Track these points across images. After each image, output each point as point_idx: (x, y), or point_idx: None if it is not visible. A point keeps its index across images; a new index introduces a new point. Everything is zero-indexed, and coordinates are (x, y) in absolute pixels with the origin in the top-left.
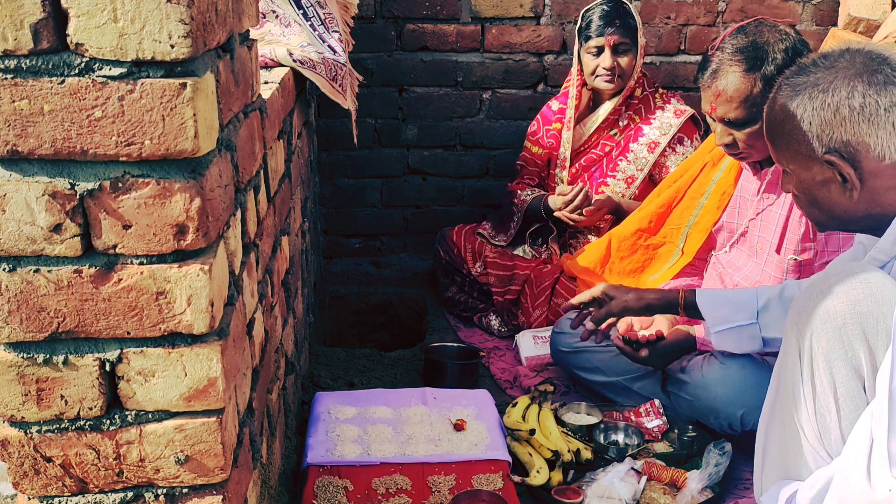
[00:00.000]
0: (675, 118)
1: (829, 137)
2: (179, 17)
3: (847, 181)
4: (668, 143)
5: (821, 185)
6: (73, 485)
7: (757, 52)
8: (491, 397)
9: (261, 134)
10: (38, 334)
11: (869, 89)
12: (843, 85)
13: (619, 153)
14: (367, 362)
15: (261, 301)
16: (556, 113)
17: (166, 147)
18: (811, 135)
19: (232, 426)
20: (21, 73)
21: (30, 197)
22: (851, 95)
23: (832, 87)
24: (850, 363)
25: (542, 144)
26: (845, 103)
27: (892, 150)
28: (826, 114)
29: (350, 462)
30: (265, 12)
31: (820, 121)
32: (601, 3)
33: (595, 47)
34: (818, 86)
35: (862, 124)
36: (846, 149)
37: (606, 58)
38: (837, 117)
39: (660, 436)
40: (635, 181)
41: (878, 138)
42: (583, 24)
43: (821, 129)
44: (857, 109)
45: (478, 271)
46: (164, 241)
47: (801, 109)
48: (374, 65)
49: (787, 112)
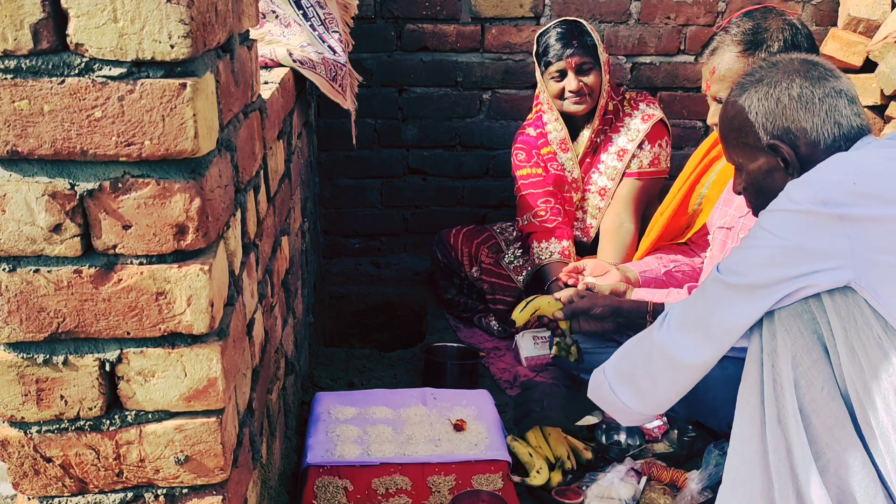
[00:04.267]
0: (642, 123)
1: (772, 125)
2: (179, 17)
3: (788, 166)
4: (636, 149)
5: (766, 174)
6: (73, 485)
7: (756, 36)
8: (491, 397)
9: (261, 134)
10: (37, 334)
11: (805, 82)
12: (784, 79)
13: (592, 165)
14: (367, 362)
15: (261, 301)
16: (538, 138)
17: (166, 147)
18: (757, 125)
19: (232, 426)
20: (21, 74)
21: (30, 197)
22: (790, 87)
23: (774, 80)
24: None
25: (541, 167)
26: (785, 93)
27: (826, 135)
28: (769, 103)
29: (350, 462)
30: (265, 12)
31: (765, 110)
32: (555, 27)
33: (557, 72)
34: (762, 81)
35: (800, 111)
36: (787, 135)
37: (571, 80)
38: (779, 106)
39: (660, 436)
40: (608, 192)
41: (813, 124)
42: (540, 50)
43: (765, 118)
44: (795, 98)
45: (474, 275)
46: (164, 242)
47: (748, 102)
48: (374, 65)
49: (737, 107)
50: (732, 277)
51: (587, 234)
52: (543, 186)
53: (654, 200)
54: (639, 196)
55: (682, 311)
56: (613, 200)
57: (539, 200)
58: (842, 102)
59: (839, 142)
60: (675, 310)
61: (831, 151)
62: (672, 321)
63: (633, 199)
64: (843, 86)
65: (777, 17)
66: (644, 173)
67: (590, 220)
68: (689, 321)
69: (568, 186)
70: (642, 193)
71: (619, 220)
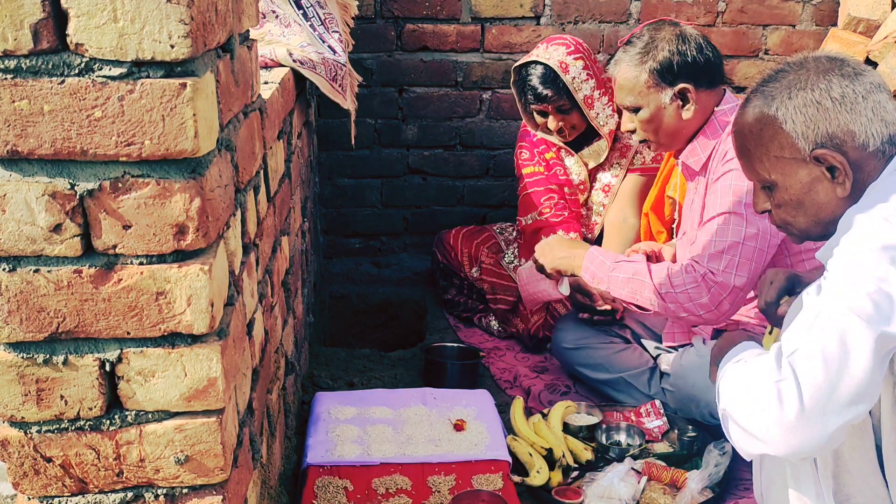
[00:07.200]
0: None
1: (814, 133)
2: (179, 17)
3: (836, 174)
4: (640, 143)
5: (808, 187)
6: (73, 485)
7: (646, 45)
8: (491, 397)
9: (261, 134)
10: (37, 334)
11: (843, 80)
12: (819, 80)
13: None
14: (367, 362)
15: (261, 301)
16: (539, 143)
17: (166, 147)
18: (795, 135)
19: (232, 426)
20: (21, 73)
21: (30, 197)
22: (830, 88)
23: (809, 83)
24: None
25: (543, 165)
26: (826, 95)
27: (875, 136)
28: (809, 109)
29: (350, 462)
30: (265, 12)
31: (804, 118)
32: (531, 66)
33: (537, 111)
34: (795, 85)
35: (844, 113)
36: (832, 141)
37: (552, 121)
38: (821, 111)
39: (660, 436)
40: (612, 188)
41: (860, 125)
42: (518, 84)
43: (805, 125)
44: (838, 100)
45: (474, 276)
46: (164, 242)
47: (781, 111)
48: (374, 65)
49: (765, 118)
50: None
51: (591, 230)
52: (546, 184)
53: None
54: (642, 192)
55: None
56: (617, 196)
57: (543, 198)
58: (883, 97)
59: (886, 142)
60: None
61: (880, 153)
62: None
63: (637, 194)
64: (878, 79)
65: (669, 27)
66: (647, 169)
67: (594, 217)
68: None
69: (573, 188)
70: (645, 189)
71: (623, 216)
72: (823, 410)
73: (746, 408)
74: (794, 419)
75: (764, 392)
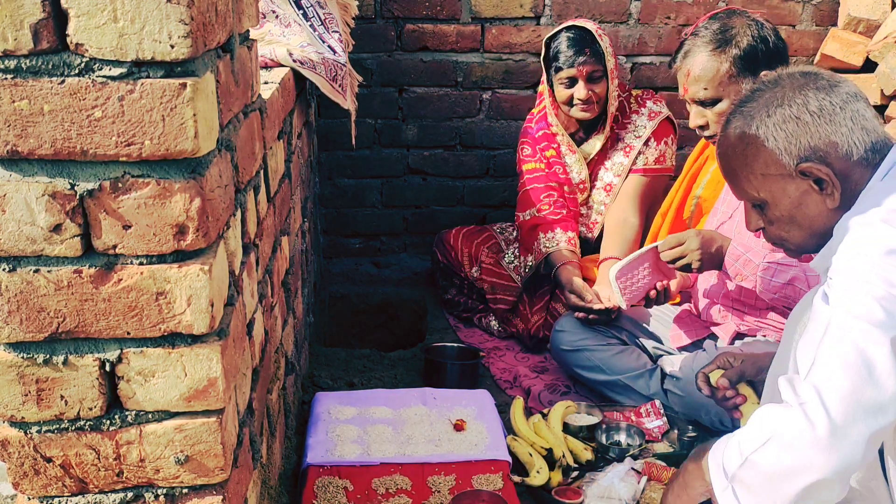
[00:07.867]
0: (648, 121)
1: (797, 147)
2: (179, 17)
3: (824, 186)
4: (643, 146)
5: (798, 202)
6: (73, 485)
7: (724, 34)
8: (491, 397)
9: (261, 134)
10: (38, 334)
11: (819, 93)
12: (796, 95)
13: (599, 163)
14: (367, 362)
15: (261, 301)
16: (542, 140)
17: (166, 147)
18: (778, 151)
19: (232, 426)
20: (21, 73)
21: (30, 197)
22: (807, 101)
23: (786, 99)
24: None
25: (544, 163)
26: (804, 110)
27: (857, 144)
28: (789, 125)
29: (350, 462)
30: (265, 12)
31: (785, 133)
32: (565, 31)
33: (567, 78)
34: (773, 102)
35: (824, 125)
36: (816, 154)
37: (581, 89)
38: (801, 125)
39: (660, 436)
40: (613, 188)
41: (842, 136)
42: (550, 55)
43: (787, 141)
44: (816, 113)
45: (474, 275)
46: (164, 242)
47: (762, 129)
48: (374, 65)
49: (747, 138)
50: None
51: (591, 230)
52: (546, 181)
53: (659, 198)
54: (644, 192)
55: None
56: (618, 196)
57: (542, 195)
58: (861, 106)
59: (870, 150)
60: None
61: (864, 161)
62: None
63: (639, 195)
64: (853, 88)
65: (741, 16)
66: (649, 170)
67: (595, 216)
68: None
69: (572, 188)
70: (647, 190)
71: (624, 216)
72: (854, 419)
73: (780, 444)
74: (827, 436)
75: (790, 421)
